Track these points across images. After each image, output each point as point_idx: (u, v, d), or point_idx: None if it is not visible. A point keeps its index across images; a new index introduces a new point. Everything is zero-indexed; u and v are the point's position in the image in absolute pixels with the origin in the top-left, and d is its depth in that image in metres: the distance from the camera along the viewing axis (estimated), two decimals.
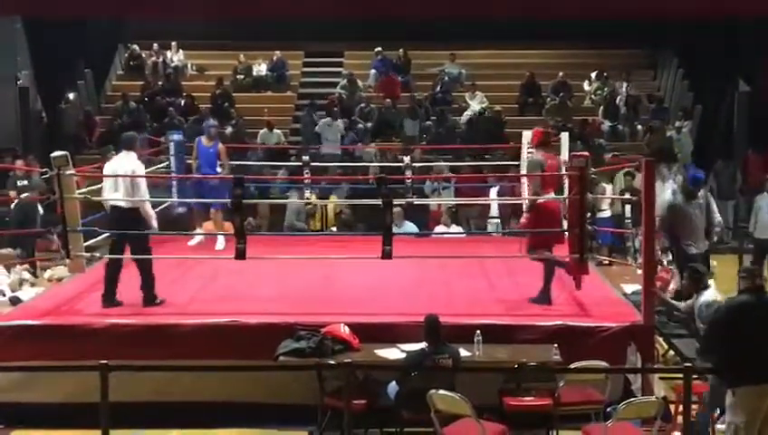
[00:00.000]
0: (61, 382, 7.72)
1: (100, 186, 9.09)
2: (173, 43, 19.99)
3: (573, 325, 8.01)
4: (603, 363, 7.26)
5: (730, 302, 6.45)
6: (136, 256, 8.65)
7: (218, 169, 11.56)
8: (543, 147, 8.97)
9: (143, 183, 8.70)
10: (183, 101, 18.58)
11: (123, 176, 8.57)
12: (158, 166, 12.49)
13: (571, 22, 17.82)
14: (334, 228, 14.33)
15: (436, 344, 7.04)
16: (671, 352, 8.60)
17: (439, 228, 13.11)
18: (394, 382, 7.15)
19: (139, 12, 17.96)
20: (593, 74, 19.09)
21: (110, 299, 8.63)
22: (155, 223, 8.87)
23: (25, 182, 13.97)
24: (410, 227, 12.93)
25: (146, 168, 11.63)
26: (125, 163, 8.67)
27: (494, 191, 13.98)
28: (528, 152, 11.96)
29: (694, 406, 6.95)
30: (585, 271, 8.53)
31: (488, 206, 14.14)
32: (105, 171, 8.88)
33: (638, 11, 15.70)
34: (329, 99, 18.62)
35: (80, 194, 8.82)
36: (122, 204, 8.60)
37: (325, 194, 15.02)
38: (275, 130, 17.62)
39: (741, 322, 6.02)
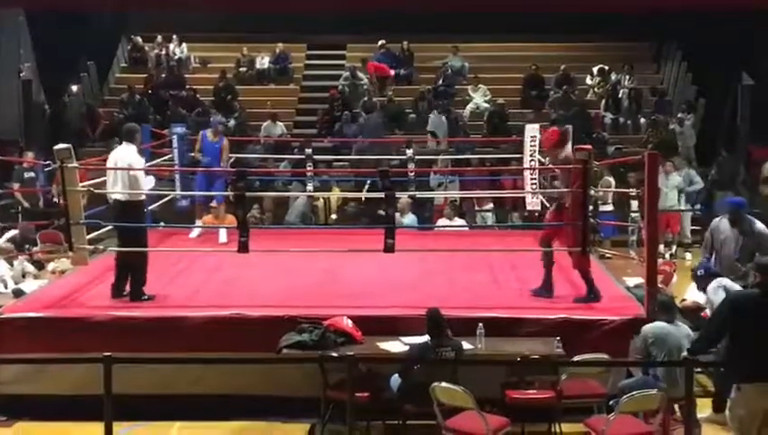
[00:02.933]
0: (64, 375, 7.74)
1: (103, 179, 9.10)
2: (176, 36, 19.96)
3: (576, 319, 8.02)
4: (606, 356, 7.27)
5: (739, 295, 6.43)
6: (131, 250, 8.63)
7: (221, 165, 11.57)
8: (564, 145, 8.88)
9: (141, 175, 8.68)
10: (186, 94, 18.56)
11: (121, 169, 8.57)
12: (162, 159, 12.49)
13: (574, 14, 17.80)
14: (334, 216, 14.36)
15: (438, 337, 7.05)
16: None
17: (442, 221, 13.12)
18: (397, 375, 7.16)
19: (142, 3, 18.01)
20: (595, 68, 19.06)
21: (120, 292, 8.66)
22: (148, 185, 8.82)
23: (32, 174, 13.98)
24: (413, 219, 12.95)
25: (149, 160, 11.71)
26: (124, 156, 8.67)
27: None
28: (531, 148, 12.00)
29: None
30: (587, 264, 8.52)
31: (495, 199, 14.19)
32: (107, 164, 8.88)
33: (640, 4, 15.73)
34: (331, 92, 18.62)
35: (84, 187, 8.82)
36: (121, 197, 8.60)
37: (329, 186, 15.03)
38: (279, 123, 17.62)
39: (747, 317, 5.99)
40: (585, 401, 7.14)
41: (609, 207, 13.68)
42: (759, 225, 8.50)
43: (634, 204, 13.02)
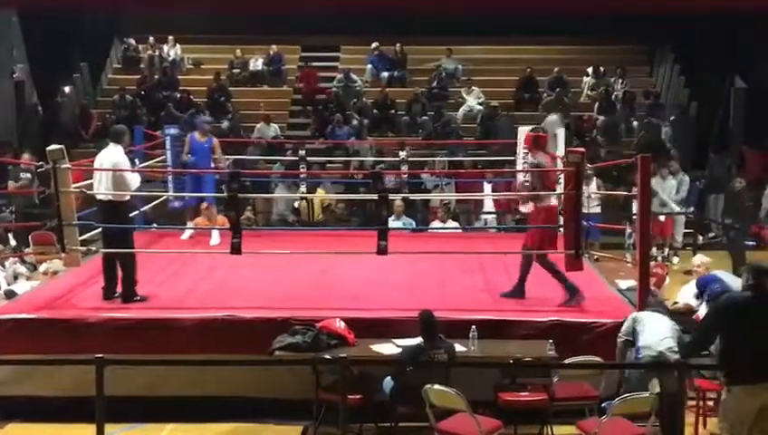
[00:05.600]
0: (56, 376, 7.72)
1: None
2: (170, 37, 19.95)
3: (568, 321, 8.03)
4: (598, 359, 7.28)
5: (730, 298, 6.45)
6: (117, 251, 8.62)
7: (212, 165, 11.54)
8: (539, 148, 8.95)
9: (127, 176, 8.66)
10: (179, 96, 18.55)
11: (105, 169, 8.55)
12: (155, 160, 12.48)
13: (567, 17, 17.83)
14: (320, 216, 14.40)
15: (431, 340, 7.05)
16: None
17: (435, 224, 13.12)
18: (389, 377, 7.17)
19: (136, 5, 18.01)
20: (589, 70, 19.10)
21: (111, 293, 8.63)
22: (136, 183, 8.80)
23: (28, 175, 13.92)
24: (407, 221, 12.95)
25: (142, 162, 11.70)
26: (109, 156, 8.65)
27: (487, 187, 13.98)
28: (524, 152, 12.00)
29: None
30: (580, 267, 8.54)
31: (482, 201, 14.16)
32: (94, 164, 8.86)
33: (634, 6, 15.76)
34: (326, 93, 18.62)
35: (77, 188, 8.80)
36: (104, 197, 8.59)
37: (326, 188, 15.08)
38: (272, 125, 17.62)
39: (739, 319, 6.00)
40: (577, 404, 7.15)
41: (598, 210, 13.61)
42: None
43: (634, 206, 12.99)
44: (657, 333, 6.94)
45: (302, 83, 19.25)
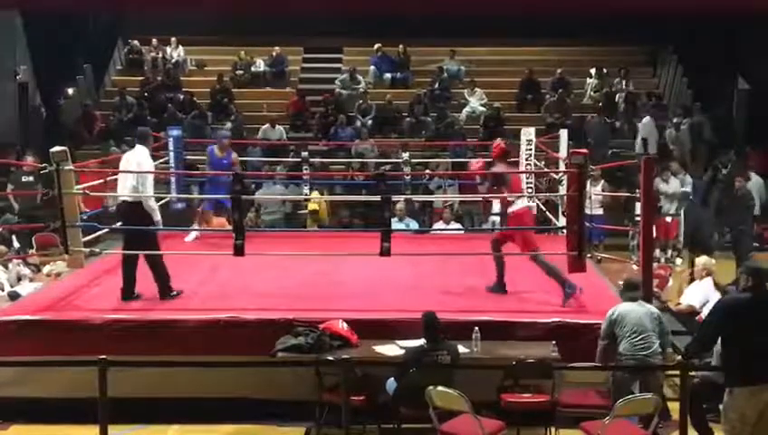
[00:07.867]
0: (59, 378, 7.73)
1: (99, 181, 9.11)
2: (173, 39, 19.97)
3: (571, 322, 8.02)
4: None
5: (732, 299, 6.45)
6: (145, 252, 8.65)
7: None
8: (503, 159, 9.08)
9: (149, 178, 8.70)
10: (182, 97, 18.57)
11: (129, 172, 8.59)
12: (159, 161, 12.48)
13: (570, 19, 17.83)
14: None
15: (434, 341, 7.06)
16: (669, 350, 8.58)
17: (438, 225, 13.12)
18: (392, 379, 7.16)
19: (139, 6, 18.02)
20: (592, 71, 19.09)
21: (129, 293, 8.65)
22: (158, 216, 8.83)
23: (30, 178, 13.93)
24: (411, 223, 12.95)
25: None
26: (139, 158, 8.70)
27: None
28: (527, 152, 12.06)
29: None
30: (583, 268, 8.53)
31: (491, 203, 14.14)
32: (120, 165, 8.90)
33: (637, 8, 15.75)
34: (327, 95, 18.63)
35: (80, 189, 8.81)
36: (129, 199, 8.61)
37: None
38: (278, 127, 17.62)
39: (740, 320, 6.01)
40: (584, 411, 7.11)
41: (600, 211, 13.60)
42: None
43: (637, 207, 12.95)
44: (636, 337, 6.97)
45: (293, 107, 19.04)
